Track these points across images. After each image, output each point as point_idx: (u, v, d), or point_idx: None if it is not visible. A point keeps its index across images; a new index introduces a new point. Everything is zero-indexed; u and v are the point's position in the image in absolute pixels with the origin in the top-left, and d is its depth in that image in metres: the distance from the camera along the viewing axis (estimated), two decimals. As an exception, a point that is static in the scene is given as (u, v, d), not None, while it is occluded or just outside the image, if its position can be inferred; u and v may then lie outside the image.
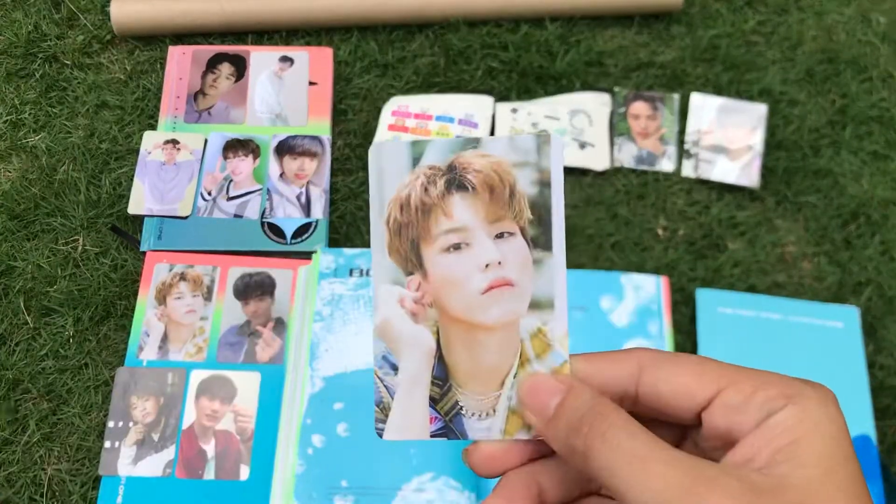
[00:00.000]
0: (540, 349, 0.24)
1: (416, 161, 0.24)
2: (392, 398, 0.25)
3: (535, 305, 0.24)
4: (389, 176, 0.24)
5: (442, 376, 0.25)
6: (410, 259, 0.24)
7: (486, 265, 0.24)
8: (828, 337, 0.64)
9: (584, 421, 0.22)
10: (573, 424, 0.22)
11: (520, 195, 0.24)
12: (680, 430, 0.24)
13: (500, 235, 0.24)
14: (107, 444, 0.59)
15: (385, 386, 0.25)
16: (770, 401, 0.22)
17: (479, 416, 0.24)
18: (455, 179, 0.24)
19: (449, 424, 0.25)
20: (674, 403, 0.23)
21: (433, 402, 0.25)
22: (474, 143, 0.24)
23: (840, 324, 0.64)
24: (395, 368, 0.25)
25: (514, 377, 0.24)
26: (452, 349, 0.24)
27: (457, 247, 0.24)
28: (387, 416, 0.25)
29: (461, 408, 0.25)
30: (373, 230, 0.25)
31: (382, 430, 0.25)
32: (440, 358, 0.25)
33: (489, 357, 0.24)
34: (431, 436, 0.25)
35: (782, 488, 0.21)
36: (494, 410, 0.24)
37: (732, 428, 0.23)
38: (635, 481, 0.21)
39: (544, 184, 0.24)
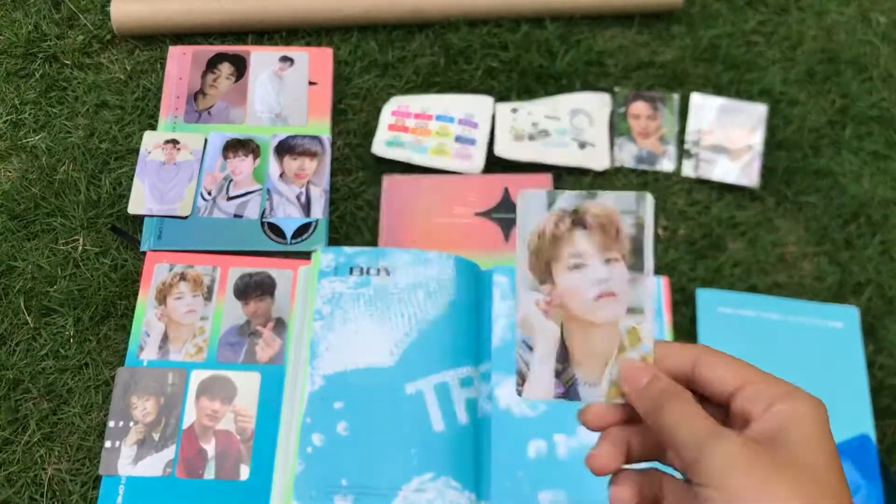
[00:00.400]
0: (633, 341, 0.35)
1: (550, 205, 0.35)
2: (528, 370, 0.35)
3: (631, 311, 0.35)
4: (532, 215, 0.35)
5: (564, 357, 0.35)
6: (544, 273, 0.35)
7: (598, 280, 0.35)
8: (828, 337, 0.64)
9: (662, 395, 0.33)
10: (655, 396, 0.33)
11: (623, 234, 0.35)
12: (723, 410, 0.34)
13: (607, 261, 0.35)
14: (107, 443, 0.59)
15: (524, 362, 0.35)
16: (774, 397, 0.32)
17: (590, 385, 0.35)
18: (579, 220, 0.35)
19: (568, 390, 0.35)
20: (713, 387, 0.33)
21: (557, 374, 0.35)
22: (593, 195, 0.35)
23: (840, 324, 0.64)
24: (530, 349, 0.35)
25: (615, 360, 0.35)
26: (572, 338, 0.35)
27: (577, 266, 0.35)
28: (524, 382, 0.35)
29: (577, 379, 0.35)
30: (518, 251, 0.35)
31: (521, 391, 0.35)
32: (563, 344, 0.35)
33: (597, 345, 0.35)
34: (555, 398, 0.35)
35: (775, 446, 0.30)
36: (600, 382, 0.35)
37: (747, 412, 0.32)
38: (684, 431, 0.32)
39: (639, 226, 0.34)
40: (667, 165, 0.71)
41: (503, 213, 0.68)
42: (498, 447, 0.57)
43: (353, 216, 0.69)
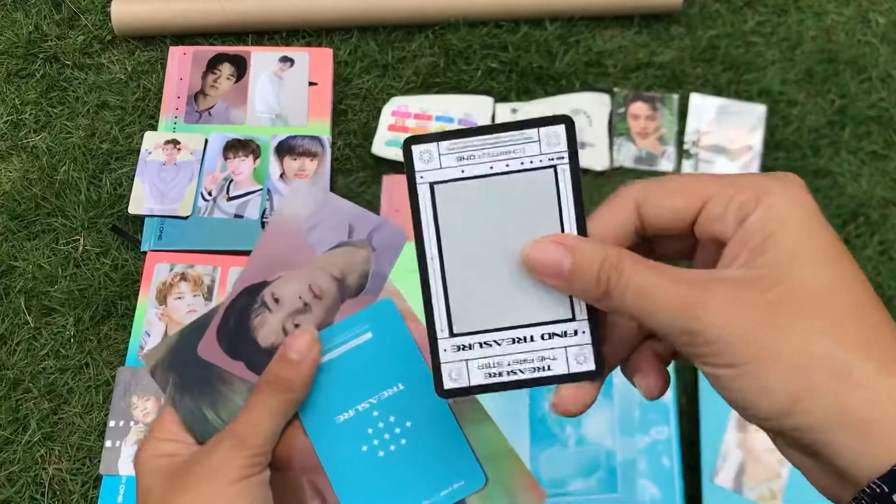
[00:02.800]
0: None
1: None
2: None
3: None
4: None
5: None
6: None
7: None
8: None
9: (601, 274, 0.26)
10: (590, 280, 0.27)
11: None
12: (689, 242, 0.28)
13: None
14: (108, 443, 0.59)
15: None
16: (743, 206, 0.26)
17: None
18: None
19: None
20: (671, 225, 0.27)
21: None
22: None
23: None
24: None
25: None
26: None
27: None
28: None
29: None
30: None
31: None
32: None
33: None
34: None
35: (759, 277, 0.25)
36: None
37: (718, 236, 0.26)
38: (649, 309, 0.25)
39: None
40: (666, 166, 0.72)
41: (503, 214, 0.68)
42: None
43: (353, 216, 0.69)
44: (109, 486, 0.58)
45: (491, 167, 0.30)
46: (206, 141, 0.70)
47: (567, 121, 0.29)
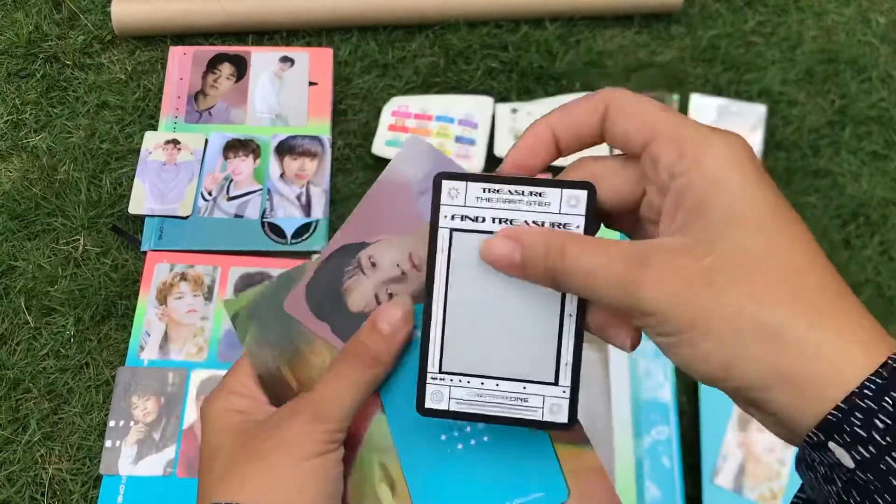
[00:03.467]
0: None
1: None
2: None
3: None
4: None
5: None
6: None
7: None
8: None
9: (548, 261, 0.28)
10: (542, 267, 0.28)
11: None
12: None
13: None
14: (107, 443, 0.59)
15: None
16: (676, 162, 0.26)
17: None
18: None
19: None
20: (621, 144, 0.28)
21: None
22: None
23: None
24: None
25: None
26: None
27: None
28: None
29: None
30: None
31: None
32: None
33: None
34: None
35: (695, 244, 0.25)
36: None
37: (657, 182, 0.27)
38: (594, 289, 0.27)
39: None
40: (666, 166, 0.72)
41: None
42: None
43: (354, 216, 0.69)
44: (109, 486, 0.58)
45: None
46: (207, 141, 0.70)
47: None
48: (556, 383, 0.30)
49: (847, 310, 0.25)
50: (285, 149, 0.70)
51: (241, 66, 0.74)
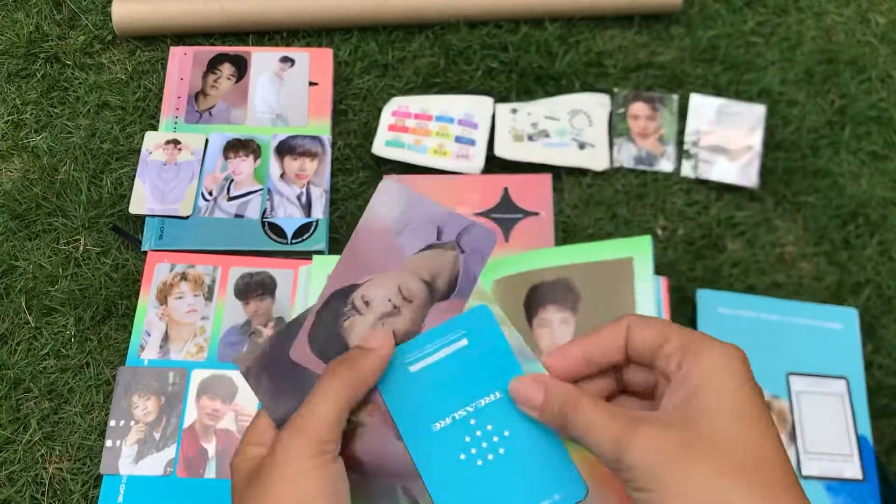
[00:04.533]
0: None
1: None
2: None
3: None
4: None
5: None
6: None
7: None
8: (826, 338, 0.64)
9: (565, 405, 0.34)
10: (557, 410, 0.34)
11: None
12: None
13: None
14: (108, 443, 0.59)
15: None
16: (682, 355, 0.32)
17: None
18: None
19: None
20: (640, 349, 0.34)
21: None
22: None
23: (839, 325, 0.64)
24: None
25: None
26: None
27: None
28: None
29: None
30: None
31: None
32: None
33: None
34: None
35: (681, 421, 0.31)
36: None
37: (665, 373, 0.33)
38: (592, 439, 0.32)
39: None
40: (666, 166, 0.72)
41: (502, 213, 0.68)
42: None
43: (354, 216, 0.69)
44: (110, 485, 0.58)
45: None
46: (207, 141, 0.71)
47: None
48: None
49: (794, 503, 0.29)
50: (285, 149, 0.70)
51: (241, 67, 0.75)
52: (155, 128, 0.72)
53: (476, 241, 0.38)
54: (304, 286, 0.63)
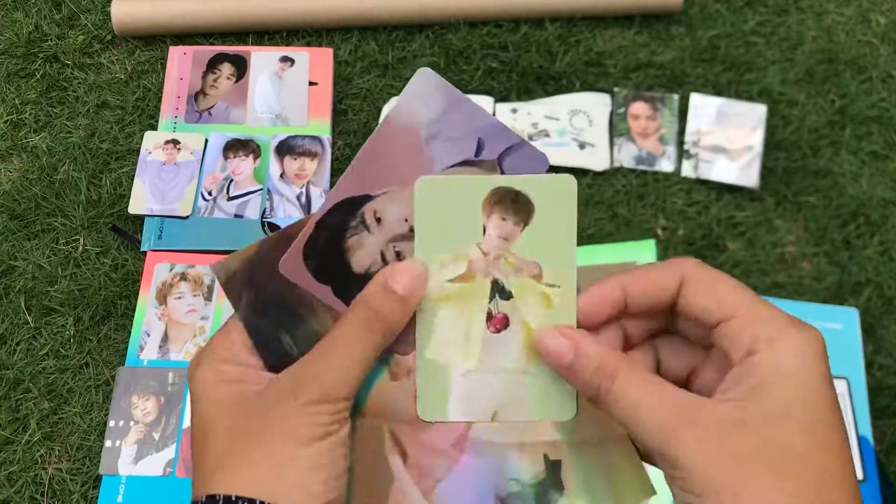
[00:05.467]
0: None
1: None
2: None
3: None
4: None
5: None
6: None
7: None
8: (827, 338, 0.64)
9: (595, 378, 0.28)
10: (587, 380, 0.28)
11: None
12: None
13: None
14: (107, 443, 0.59)
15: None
16: (752, 341, 0.27)
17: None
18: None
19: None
20: (695, 317, 0.29)
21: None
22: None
23: (839, 325, 0.64)
24: None
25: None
26: None
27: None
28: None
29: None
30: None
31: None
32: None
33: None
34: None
35: (742, 422, 0.26)
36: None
37: (727, 355, 0.28)
38: (633, 423, 0.27)
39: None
40: (666, 166, 0.72)
41: (503, 214, 0.68)
42: None
43: (353, 216, 0.69)
44: (109, 485, 0.58)
45: None
46: (206, 141, 0.70)
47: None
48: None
49: None
50: (285, 149, 0.70)
51: (241, 66, 0.74)
52: (154, 128, 0.72)
53: (523, 163, 0.31)
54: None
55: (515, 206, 0.30)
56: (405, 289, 0.29)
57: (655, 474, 0.31)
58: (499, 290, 0.30)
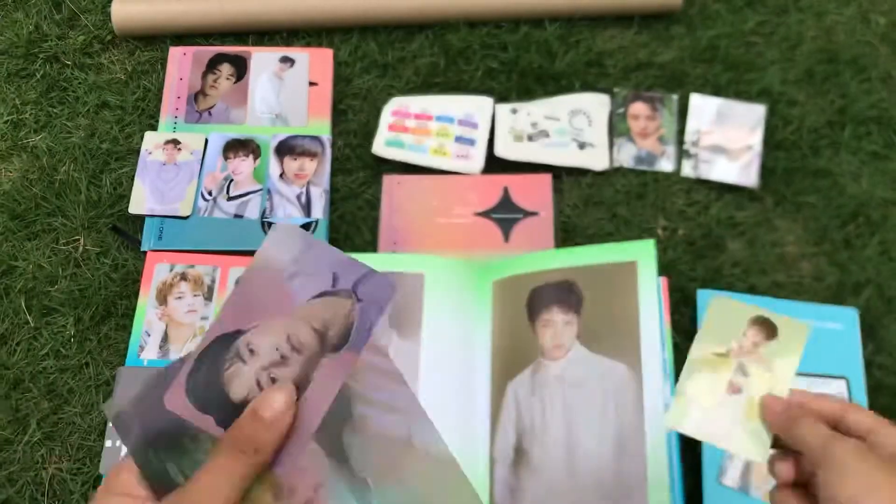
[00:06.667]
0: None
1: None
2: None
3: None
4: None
5: None
6: None
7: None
8: (827, 338, 0.64)
9: (793, 415, 0.41)
10: (787, 418, 0.42)
11: None
12: None
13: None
14: (108, 443, 0.59)
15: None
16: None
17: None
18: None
19: None
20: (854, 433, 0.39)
21: None
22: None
23: (839, 325, 0.64)
24: None
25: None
26: None
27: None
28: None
29: None
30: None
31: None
32: None
33: None
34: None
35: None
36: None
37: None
38: (809, 437, 0.39)
39: None
40: (666, 166, 0.72)
41: (502, 213, 0.68)
42: None
43: (354, 216, 0.69)
44: (109, 485, 0.58)
45: None
46: (206, 141, 0.70)
47: None
48: None
49: None
50: (285, 149, 0.70)
51: (241, 67, 0.74)
52: (154, 128, 0.72)
53: (374, 290, 0.35)
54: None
55: (766, 329, 0.46)
56: (273, 414, 0.32)
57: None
58: (741, 369, 0.45)
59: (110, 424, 0.60)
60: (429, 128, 0.72)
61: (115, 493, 0.34)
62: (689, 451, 0.61)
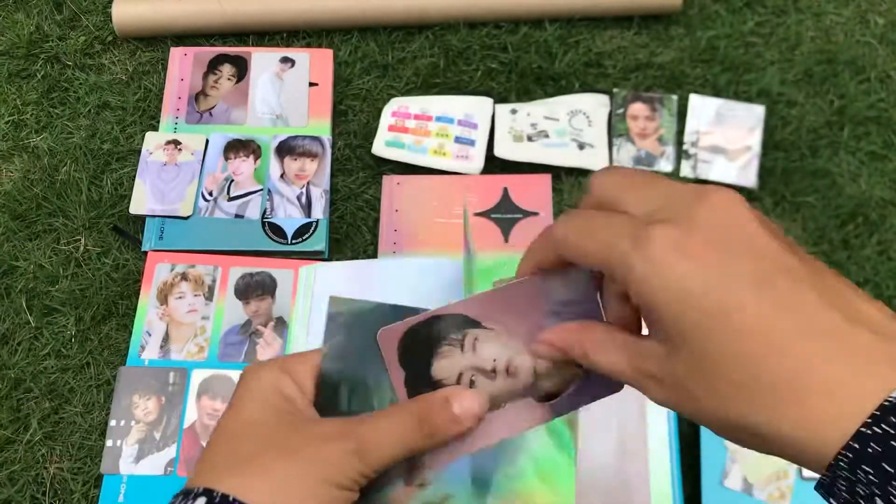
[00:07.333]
0: None
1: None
2: None
3: None
4: None
5: None
6: None
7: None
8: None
9: (575, 357, 0.33)
10: (572, 359, 0.33)
11: None
12: None
13: None
14: (108, 442, 0.60)
15: None
16: (619, 280, 0.29)
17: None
18: None
19: None
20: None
21: None
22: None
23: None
24: None
25: None
26: None
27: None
28: None
29: None
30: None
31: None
32: None
33: None
34: None
35: (667, 353, 0.28)
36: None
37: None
38: (618, 377, 0.31)
39: None
40: (665, 166, 0.72)
41: (502, 214, 0.69)
42: None
43: (354, 216, 0.69)
44: (110, 485, 0.58)
45: None
46: (207, 141, 0.71)
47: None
48: None
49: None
50: (286, 149, 0.71)
51: (241, 67, 0.75)
52: (155, 128, 0.72)
53: (602, 379, 0.33)
54: (304, 286, 0.64)
55: None
56: (462, 411, 0.33)
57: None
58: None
59: (111, 424, 0.60)
60: (429, 128, 0.72)
61: (290, 376, 0.34)
62: (689, 451, 0.61)
